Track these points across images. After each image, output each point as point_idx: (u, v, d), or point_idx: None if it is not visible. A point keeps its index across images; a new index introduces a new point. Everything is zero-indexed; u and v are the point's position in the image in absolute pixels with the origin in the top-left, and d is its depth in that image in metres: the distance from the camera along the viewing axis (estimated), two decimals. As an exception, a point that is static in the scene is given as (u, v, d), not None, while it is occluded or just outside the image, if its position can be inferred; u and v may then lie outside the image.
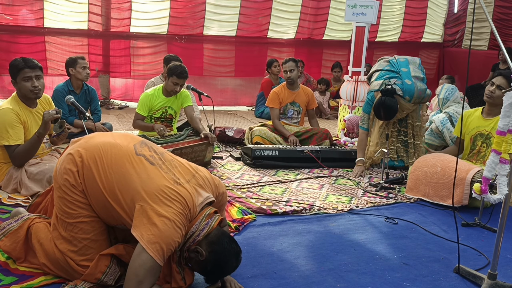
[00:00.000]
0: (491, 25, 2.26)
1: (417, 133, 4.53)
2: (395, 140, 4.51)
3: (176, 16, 7.90)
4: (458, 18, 9.54)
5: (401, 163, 4.52)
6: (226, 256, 2.02)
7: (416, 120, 4.51)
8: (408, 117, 4.47)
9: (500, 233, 2.19)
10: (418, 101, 4.38)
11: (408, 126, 4.50)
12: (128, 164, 2.06)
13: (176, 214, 1.94)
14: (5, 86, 7.00)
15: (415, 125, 4.51)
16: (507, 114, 2.16)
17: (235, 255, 2.05)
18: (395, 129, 4.50)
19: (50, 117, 3.11)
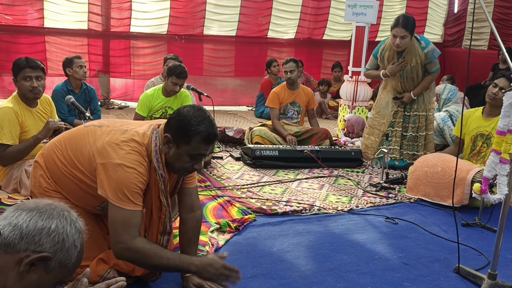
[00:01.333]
0: (491, 25, 2.26)
1: (428, 122, 4.51)
2: (399, 133, 4.51)
3: (176, 16, 7.90)
4: (458, 18, 9.53)
5: (401, 163, 4.52)
6: (192, 111, 2.00)
7: (423, 109, 4.48)
8: (415, 105, 4.47)
9: (500, 233, 2.18)
10: (430, 58, 4.33)
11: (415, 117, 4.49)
12: (81, 137, 2.13)
13: (126, 155, 1.96)
14: (5, 86, 7.00)
15: (422, 114, 4.48)
16: (507, 114, 2.16)
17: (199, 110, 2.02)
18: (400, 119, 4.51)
19: (55, 126, 3.12)
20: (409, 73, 4.41)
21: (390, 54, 4.43)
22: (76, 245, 1.21)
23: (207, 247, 2.58)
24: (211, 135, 1.96)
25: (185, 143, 1.96)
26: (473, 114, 3.82)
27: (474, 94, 7.47)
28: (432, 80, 4.48)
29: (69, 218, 1.22)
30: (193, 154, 1.98)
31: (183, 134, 1.95)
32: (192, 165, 2.01)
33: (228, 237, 2.77)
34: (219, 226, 2.88)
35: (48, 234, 1.15)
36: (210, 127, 1.96)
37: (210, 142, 1.99)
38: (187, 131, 1.94)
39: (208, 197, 3.45)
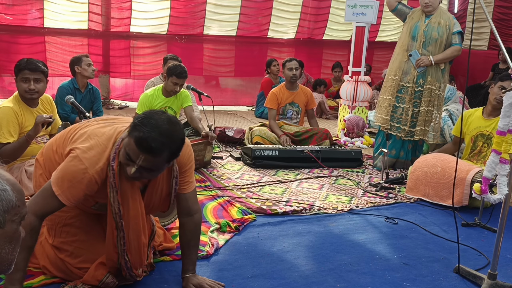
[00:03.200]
0: (491, 25, 2.26)
1: (438, 102, 4.34)
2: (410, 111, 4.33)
3: (176, 16, 7.90)
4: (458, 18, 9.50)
5: (404, 157, 4.50)
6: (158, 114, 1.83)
7: (437, 86, 4.31)
8: (428, 77, 4.27)
9: (500, 233, 2.18)
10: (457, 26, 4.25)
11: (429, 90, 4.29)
12: (67, 131, 2.14)
13: (87, 151, 1.90)
14: (5, 86, 7.00)
15: (435, 93, 4.30)
16: (507, 114, 2.16)
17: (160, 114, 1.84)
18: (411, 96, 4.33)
19: (42, 120, 3.09)
20: (434, 35, 4.23)
21: (418, 14, 4.33)
22: (4, 188, 1.17)
23: (207, 247, 2.58)
24: (145, 142, 1.74)
25: (128, 135, 1.83)
26: (473, 114, 3.81)
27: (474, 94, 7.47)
28: (455, 52, 4.27)
29: None
30: (126, 151, 1.81)
31: (133, 124, 1.82)
32: (127, 165, 1.84)
33: (228, 237, 2.77)
34: (219, 226, 2.87)
35: None
36: (153, 136, 1.73)
37: (141, 149, 1.75)
38: (135, 123, 1.81)
39: (208, 197, 3.45)
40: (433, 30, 4.23)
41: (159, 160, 1.80)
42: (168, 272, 2.30)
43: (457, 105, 5.29)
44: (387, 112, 4.41)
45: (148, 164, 1.80)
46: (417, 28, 4.29)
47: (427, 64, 4.23)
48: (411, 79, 4.30)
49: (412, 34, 4.32)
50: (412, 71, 4.30)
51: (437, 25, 4.23)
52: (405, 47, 4.36)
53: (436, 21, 4.23)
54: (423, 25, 4.27)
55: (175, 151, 1.82)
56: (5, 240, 1.18)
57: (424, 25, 4.26)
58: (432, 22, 4.25)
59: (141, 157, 1.77)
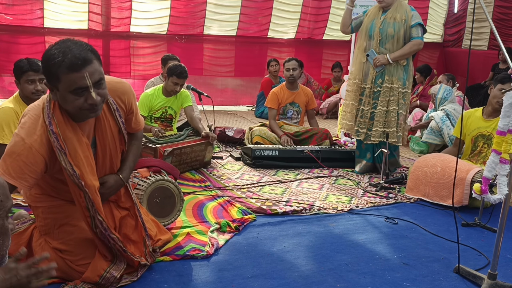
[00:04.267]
0: (491, 25, 2.26)
1: (403, 101, 4.14)
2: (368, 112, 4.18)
3: (176, 15, 7.91)
4: (458, 18, 9.53)
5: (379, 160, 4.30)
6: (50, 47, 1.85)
7: (398, 84, 4.09)
8: (386, 76, 4.09)
9: (500, 233, 2.18)
10: (416, 19, 4.03)
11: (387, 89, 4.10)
12: None
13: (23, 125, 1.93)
14: (5, 86, 7.00)
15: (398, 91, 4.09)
16: (507, 114, 2.16)
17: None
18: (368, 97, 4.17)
19: None
20: (390, 31, 4.03)
21: (374, 11, 4.16)
22: None
23: (207, 247, 2.58)
24: (75, 60, 1.77)
25: (57, 82, 1.82)
26: (473, 114, 3.81)
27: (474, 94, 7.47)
28: (414, 47, 4.05)
29: None
30: (73, 89, 1.82)
31: (49, 72, 1.81)
32: (85, 101, 1.85)
33: (228, 237, 2.77)
34: (219, 226, 2.88)
35: None
36: (72, 53, 1.77)
37: (79, 68, 1.78)
38: (50, 68, 1.80)
39: (208, 197, 3.45)
40: (389, 26, 4.04)
41: (96, 65, 1.85)
42: (168, 272, 2.30)
43: (454, 105, 5.30)
44: (351, 117, 4.30)
45: (95, 76, 1.84)
46: (373, 26, 4.12)
47: (384, 63, 4.08)
48: (370, 80, 4.16)
49: (368, 33, 4.16)
50: (371, 71, 4.15)
51: (393, 21, 4.03)
52: (362, 47, 4.21)
53: (392, 16, 4.03)
54: (379, 22, 4.08)
55: (95, 51, 1.88)
56: None
57: (380, 22, 4.08)
58: (388, 18, 4.05)
59: (86, 75, 1.80)
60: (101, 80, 1.89)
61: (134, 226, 2.29)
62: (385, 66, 4.09)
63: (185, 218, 2.99)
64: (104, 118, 2.10)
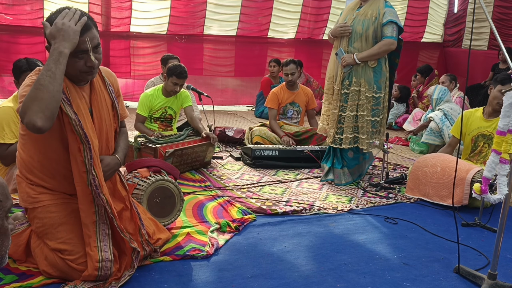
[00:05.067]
0: (491, 25, 2.26)
1: (375, 106, 3.82)
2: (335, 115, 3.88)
3: (176, 15, 7.91)
4: (458, 18, 9.54)
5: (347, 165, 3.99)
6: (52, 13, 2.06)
7: (367, 88, 3.77)
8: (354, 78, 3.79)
9: (500, 233, 2.19)
10: (388, 16, 3.72)
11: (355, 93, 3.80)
12: None
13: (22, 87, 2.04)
14: (5, 86, 7.00)
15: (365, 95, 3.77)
16: (507, 114, 2.16)
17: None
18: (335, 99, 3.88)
19: None
20: (358, 29, 3.73)
21: (351, 6, 3.91)
22: None
23: (207, 247, 2.58)
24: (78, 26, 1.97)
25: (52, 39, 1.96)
26: (473, 114, 3.81)
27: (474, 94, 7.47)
28: (384, 47, 3.69)
29: None
30: (74, 53, 1.99)
31: (51, 37, 1.97)
32: (84, 63, 2.04)
33: (228, 237, 2.77)
34: (219, 226, 2.88)
35: None
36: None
37: (81, 34, 1.98)
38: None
39: (208, 197, 3.45)
40: (358, 24, 3.73)
41: (94, 32, 2.06)
42: (168, 272, 2.30)
43: (450, 104, 5.31)
44: (324, 119, 4.07)
45: (94, 40, 2.05)
46: (345, 22, 3.84)
47: (351, 63, 3.76)
48: (338, 81, 3.87)
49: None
50: (339, 72, 3.86)
51: (363, 18, 3.73)
52: (336, 45, 3.93)
53: (364, 13, 3.73)
54: (351, 19, 3.80)
55: (91, 18, 2.08)
56: None
57: (352, 18, 3.78)
58: (360, 14, 3.76)
59: (87, 39, 2.01)
60: (98, 45, 2.10)
61: (130, 218, 2.31)
62: (352, 66, 3.78)
63: (185, 218, 2.99)
64: (99, 89, 2.25)
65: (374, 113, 3.83)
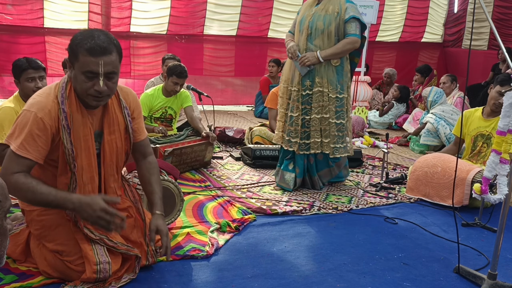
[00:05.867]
0: (491, 25, 2.26)
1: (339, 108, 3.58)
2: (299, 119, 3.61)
3: (176, 15, 7.91)
4: (458, 18, 9.54)
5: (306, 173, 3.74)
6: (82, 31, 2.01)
7: (331, 88, 3.52)
8: (317, 78, 3.53)
9: (500, 233, 2.19)
10: (350, 12, 3.45)
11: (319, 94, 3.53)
12: None
13: (32, 100, 2.01)
14: (5, 86, 7.00)
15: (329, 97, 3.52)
16: (507, 114, 2.16)
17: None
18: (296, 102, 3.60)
19: None
20: (319, 25, 3.47)
21: (309, 2, 3.64)
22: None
23: (207, 247, 2.58)
24: (96, 46, 1.90)
25: (75, 60, 1.94)
26: (473, 114, 3.81)
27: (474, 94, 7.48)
28: (348, 45, 3.46)
29: None
30: (85, 72, 1.92)
31: (72, 50, 1.94)
32: (92, 86, 1.95)
33: (228, 237, 2.77)
34: (219, 226, 2.88)
35: None
36: (96, 40, 1.91)
37: (97, 54, 1.91)
38: (74, 46, 1.93)
39: (208, 197, 3.45)
40: (319, 20, 3.46)
41: (113, 58, 1.96)
42: (168, 272, 2.30)
43: (443, 107, 5.31)
44: (280, 126, 3.76)
45: (109, 67, 1.94)
46: (303, 18, 3.56)
47: (314, 62, 3.48)
48: (297, 81, 3.59)
49: (300, 27, 3.58)
50: (296, 72, 3.60)
51: (324, 13, 3.46)
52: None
53: (324, 8, 3.48)
54: (309, 15, 3.52)
55: (119, 46, 2.02)
56: None
57: (311, 14, 3.51)
58: (319, 9, 3.49)
59: (100, 62, 1.91)
60: (113, 74, 1.98)
61: (133, 225, 2.29)
62: (313, 66, 3.52)
63: (185, 218, 2.99)
64: (113, 112, 2.18)
65: (339, 116, 3.58)
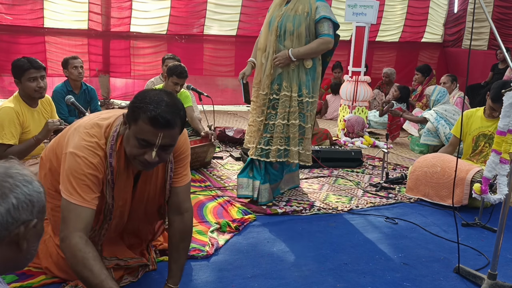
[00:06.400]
0: (491, 25, 2.26)
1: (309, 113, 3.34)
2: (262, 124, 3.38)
3: (176, 15, 7.91)
4: (458, 18, 9.54)
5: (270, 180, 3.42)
6: (151, 91, 1.78)
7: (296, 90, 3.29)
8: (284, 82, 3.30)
9: (500, 233, 2.19)
10: (321, 12, 3.24)
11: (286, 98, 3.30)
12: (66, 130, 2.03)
13: (81, 142, 1.83)
14: (5, 86, 7.01)
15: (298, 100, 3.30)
16: (507, 114, 2.16)
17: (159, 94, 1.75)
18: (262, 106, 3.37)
19: (54, 126, 3.12)
20: (288, 26, 3.27)
21: (277, 1, 3.42)
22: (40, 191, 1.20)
23: (207, 247, 2.58)
24: (160, 117, 1.68)
25: (133, 122, 1.74)
26: (474, 114, 3.81)
27: (474, 94, 7.48)
28: (322, 46, 3.25)
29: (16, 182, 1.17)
30: (140, 138, 1.73)
31: (132, 111, 1.74)
32: (143, 153, 1.75)
33: (228, 237, 2.77)
34: (219, 226, 2.88)
35: (16, 209, 1.13)
36: (162, 109, 1.68)
37: (159, 126, 1.69)
38: (136, 107, 1.72)
39: (208, 197, 3.45)
40: (288, 20, 3.26)
41: (175, 132, 1.76)
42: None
43: (446, 106, 5.30)
44: (250, 129, 3.53)
45: (167, 140, 1.75)
46: (273, 19, 3.37)
47: (285, 61, 3.25)
48: (266, 84, 3.35)
49: (269, 28, 3.38)
50: (267, 74, 3.36)
51: (293, 13, 3.26)
52: (262, 46, 3.47)
53: (293, 8, 3.27)
54: (279, 15, 3.32)
55: (184, 119, 1.78)
56: (37, 238, 1.22)
57: (280, 15, 3.31)
58: (288, 9, 3.30)
59: (160, 135, 1.71)
60: (170, 147, 1.80)
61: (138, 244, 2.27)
62: (282, 70, 3.31)
63: (185, 218, 2.99)
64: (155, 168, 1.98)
65: (304, 120, 3.35)
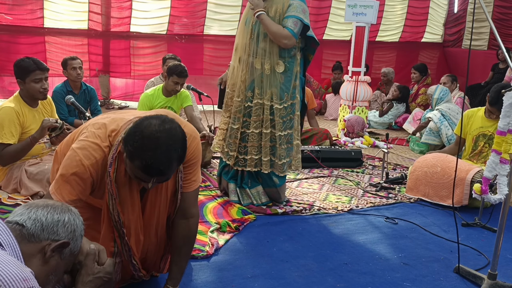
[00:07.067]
0: (491, 25, 2.26)
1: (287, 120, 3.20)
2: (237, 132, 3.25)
3: (176, 15, 7.91)
4: (458, 18, 9.53)
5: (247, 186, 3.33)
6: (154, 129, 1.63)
7: (269, 99, 3.15)
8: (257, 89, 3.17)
9: (500, 233, 2.19)
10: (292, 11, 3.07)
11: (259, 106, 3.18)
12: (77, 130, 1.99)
13: (82, 142, 1.78)
14: (5, 86, 7.00)
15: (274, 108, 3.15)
16: (507, 114, 2.17)
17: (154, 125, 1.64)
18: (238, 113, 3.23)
19: (49, 124, 3.11)
20: (262, 28, 3.14)
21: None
22: (81, 234, 1.41)
23: (207, 247, 2.58)
24: (152, 168, 1.62)
25: (128, 159, 1.67)
26: (475, 114, 3.80)
27: (474, 94, 7.48)
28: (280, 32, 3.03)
29: (74, 212, 1.42)
30: (137, 176, 1.70)
31: (127, 149, 1.66)
32: (140, 180, 1.73)
33: (228, 237, 2.77)
34: (219, 226, 2.88)
35: (63, 225, 1.35)
36: (156, 159, 1.60)
37: (152, 175, 1.65)
38: (129, 151, 1.65)
39: (208, 197, 3.45)
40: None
41: (169, 177, 1.75)
42: (168, 272, 2.30)
43: (449, 104, 5.31)
44: (221, 133, 3.39)
45: (162, 180, 1.75)
46: (247, 21, 3.28)
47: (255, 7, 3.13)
48: (241, 91, 3.23)
49: (245, 29, 3.30)
50: (241, 79, 3.24)
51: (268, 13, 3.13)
52: (237, 46, 3.37)
53: (268, 10, 3.14)
54: (254, 17, 3.19)
55: (183, 152, 1.71)
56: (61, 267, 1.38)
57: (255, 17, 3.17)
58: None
59: (153, 180, 1.68)
60: (166, 180, 1.78)
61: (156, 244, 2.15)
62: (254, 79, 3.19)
63: (185, 218, 2.99)
64: None
65: (286, 126, 3.20)
